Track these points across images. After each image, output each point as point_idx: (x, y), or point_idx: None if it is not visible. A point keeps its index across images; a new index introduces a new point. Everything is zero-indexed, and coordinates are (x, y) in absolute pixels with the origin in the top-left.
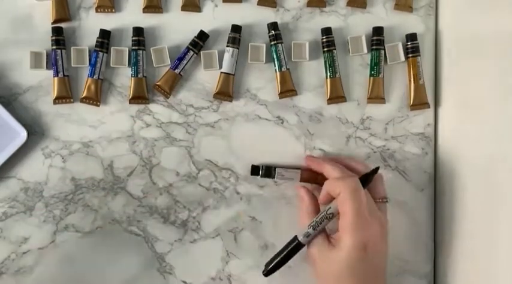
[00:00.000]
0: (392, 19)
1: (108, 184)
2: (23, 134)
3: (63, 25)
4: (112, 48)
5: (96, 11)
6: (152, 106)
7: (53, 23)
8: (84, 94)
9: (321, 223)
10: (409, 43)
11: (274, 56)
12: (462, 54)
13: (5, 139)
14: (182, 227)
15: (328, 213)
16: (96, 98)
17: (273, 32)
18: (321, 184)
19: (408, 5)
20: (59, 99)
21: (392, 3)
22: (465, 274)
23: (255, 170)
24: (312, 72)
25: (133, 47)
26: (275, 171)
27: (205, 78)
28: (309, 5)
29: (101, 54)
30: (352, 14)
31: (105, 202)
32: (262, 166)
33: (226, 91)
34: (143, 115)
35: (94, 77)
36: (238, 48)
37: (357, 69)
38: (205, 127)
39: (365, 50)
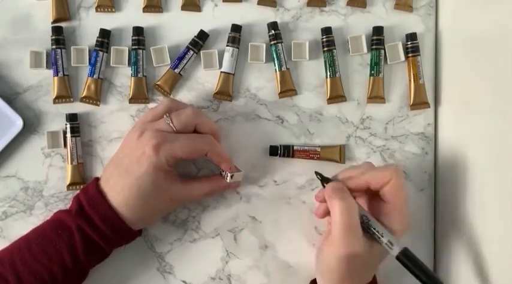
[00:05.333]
0: (392, 19)
1: None
2: (18, 122)
3: (63, 24)
4: (112, 48)
5: (96, 11)
6: (152, 106)
7: (53, 23)
8: (84, 94)
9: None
10: (409, 43)
11: (274, 56)
12: (462, 54)
13: (1, 128)
14: (182, 226)
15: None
16: (96, 98)
17: (273, 31)
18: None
19: (408, 5)
20: (59, 99)
21: (392, 2)
22: (465, 274)
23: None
24: (312, 72)
25: (133, 47)
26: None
27: (205, 77)
28: (309, 4)
29: (100, 53)
30: (352, 14)
31: None
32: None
33: (226, 91)
34: None
35: (94, 77)
36: (238, 48)
37: (356, 68)
38: None
39: (365, 49)
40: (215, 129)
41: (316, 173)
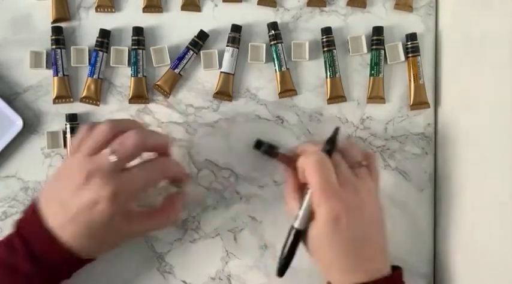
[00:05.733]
0: (392, 19)
1: None
2: (18, 122)
3: (63, 24)
4: (112, 48)
5: (96, 11)
6: (152, 106)
7: (52, 23)
8: (84, 94)
9: (302, 203)
10: (409, 43)
11: (274, 56)
12: (462, 54)
13: (0, 128)
14: (182, 227)
15: (306, 192)
16: (95, 98)
17: (272, 31)
18: None
19: (408, 5)
20: (59, 99)
21: (392, 2)
22: (465, 274)
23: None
24: (312, 72)
25: (133, 47)
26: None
27: (205, 77)
28: (309, 4)
29: (100, 53)
30: (352, 14)
31: None
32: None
33: (226, 91)
34: (143, 115)
35: (94, 77)
36: (238, 48)
37: (356, 68)
38: (205, 127)
39: (365, 49)
40: (165, 141)
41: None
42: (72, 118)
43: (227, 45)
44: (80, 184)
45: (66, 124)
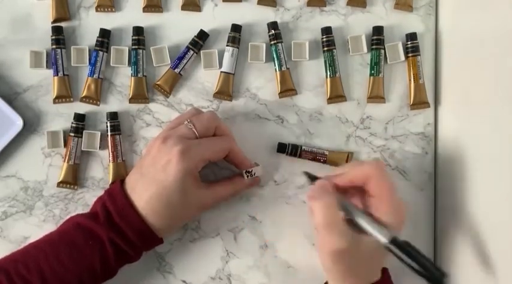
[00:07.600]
0: (392, 18)
1: (108, 183)
2: (18, 122)
3: (63, 24)
4: (112, 48)
5: (96, 11)
6: (152, 106)
7: (53, 22)
8: (84, 94)
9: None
10: (409, 42)
11: (274, 56)
12: (462, 54)
13: (1, 128)
14: (182, 226)
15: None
16: (96, 97)
17: (273, 31)
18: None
19: (408, 5)
20: (59, 98)
21: (392, 2)
22: (465, 274)
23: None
24: (312, 72)
25: (133, 46)
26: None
27: (205, 77)
28: (309, 4)
29: (100, 53)
30: (352, 14)
31: None
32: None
33: (226, 91)
34: (143, 114)
35: (94, 76)
36: (238, 48)
37: (356, 68)
38: None
39: (365, 49)
40: (231, 134)
41: (305, 173)
42: (79, 119)
43: (227, 45)
44: (157, 151)
45: (72, 123)
